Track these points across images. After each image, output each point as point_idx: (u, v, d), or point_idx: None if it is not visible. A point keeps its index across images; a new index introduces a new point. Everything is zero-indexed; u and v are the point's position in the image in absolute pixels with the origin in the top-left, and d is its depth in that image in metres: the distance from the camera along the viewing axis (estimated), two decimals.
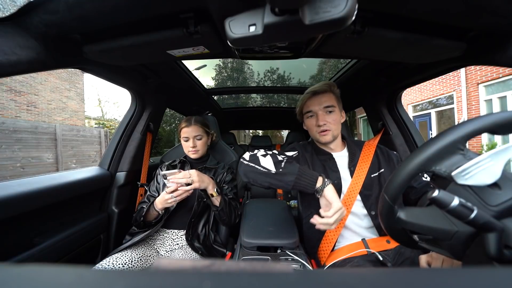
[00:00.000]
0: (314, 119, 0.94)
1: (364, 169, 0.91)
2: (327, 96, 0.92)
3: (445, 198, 0.36)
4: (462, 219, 0.36)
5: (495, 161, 0.39)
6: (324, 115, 0.91)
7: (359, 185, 0.88)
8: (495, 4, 0.48)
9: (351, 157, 0.95)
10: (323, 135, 0.92)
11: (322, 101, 0.91)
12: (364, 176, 0.90)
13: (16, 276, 0.16)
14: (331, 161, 0.95)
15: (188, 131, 1.12)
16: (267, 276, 0.16)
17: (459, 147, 0.41)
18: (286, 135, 2.88)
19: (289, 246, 0.83)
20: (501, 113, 0.40)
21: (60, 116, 8.55)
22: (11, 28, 0.51)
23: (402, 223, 0.47)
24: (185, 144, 1.14)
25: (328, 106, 0.91)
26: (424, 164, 0.43)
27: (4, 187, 0.73)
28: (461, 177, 0.40)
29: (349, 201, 0.87)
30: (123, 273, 0.17)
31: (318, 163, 0.96)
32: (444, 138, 0.42)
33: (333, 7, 0.34)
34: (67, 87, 8.90)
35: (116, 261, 0.80)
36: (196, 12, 0.56)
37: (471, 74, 5.82)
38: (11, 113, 6.86)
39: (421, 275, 0.17)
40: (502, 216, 0.38)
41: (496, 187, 0.40)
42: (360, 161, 0.94)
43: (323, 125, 0.91)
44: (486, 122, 0.40)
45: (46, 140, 6.00)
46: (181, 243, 1.02)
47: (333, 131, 0.91)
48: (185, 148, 1.16)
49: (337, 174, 0.92)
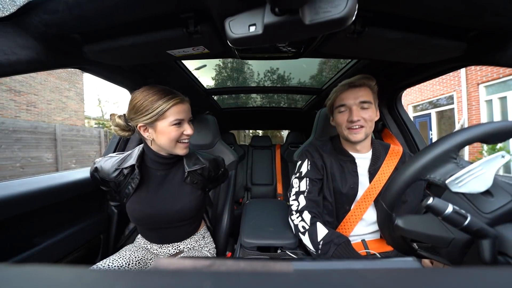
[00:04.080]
0: (346, 114, 0.84)
1: (386, 173, 0.86)
2: (365, 91, 0.83)
3: (439, 206, 0.37)
4: (456, 226, 0.37)
5: (486, 169, 0.41)
6: (358, 111, 0.82)
7: (376, 191, 0.84)
8: (495, 4, 0.48)
9: (374, 160, 0.89)
10: (354, 133, 0.83)
11: (359, 96, 0.82)
12: (384, 181, 0.84)
13: (16, 276, 0.15)
14: (351, 164, 0.89)
15: (184, 109, 0.74)
16: (267, 276, 0.16)
17: (452, 156, 0.43)
18: (286, 135, 2.87)
19: (289, 246, 0.83)
20: (491, 124, 0.42)
21: (59, 116, 8.54)
22: (10, 28, 0.51)
23: (400, 231, 0.48)
24: (174, 130, 0.73)
25: (365, 101, 0.82)
26: (419, 172, 0.44)
27: (4, 187, 0.73)
28: (454, 185, 0.42)
29: (362, 207, 0.84)
30: (123, 273, 0.17)
31: (336, 164, 0.90)
32: (437, 148, 0.44)
33: (333, 7, 0.34)
34: (67, 87, 8.89)
35: (112, 263, 0.77)
36: (196, 12, 0.56)
37: (472, 75, 5.82)
38: (10, 113, 6.85)
39: (421, 275, 0.17)
40: (495, 223, 0.40)
41: (488, 195, 0.42)
42: (385, 164, 0.88)
43: (356, 121, 0.82)
44: (477, 132, 0.42)
45: (45, 140, 5.99)
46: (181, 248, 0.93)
47: (366, 128, 0.83)
48: (172, 139, 0.74)
49: (355, 179, 0.86)
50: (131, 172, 0.81)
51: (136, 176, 0.80)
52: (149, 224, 0.84)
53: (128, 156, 0.85)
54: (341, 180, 0.87)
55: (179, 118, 0.73)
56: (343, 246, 0.72)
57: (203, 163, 0.88)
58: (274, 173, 2.51)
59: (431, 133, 7.31)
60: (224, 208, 1.12)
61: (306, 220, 0.81)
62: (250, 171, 2.52)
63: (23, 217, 0.76)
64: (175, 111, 0.72)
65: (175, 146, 0.77)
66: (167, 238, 0.89)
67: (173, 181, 0.86)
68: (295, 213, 0.86)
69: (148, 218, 0.81)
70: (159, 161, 0.83)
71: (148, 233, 0.89)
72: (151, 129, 0.74)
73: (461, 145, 0.43)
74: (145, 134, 0.76)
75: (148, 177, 0.83)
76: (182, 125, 0.75)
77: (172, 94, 0.73)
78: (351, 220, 0.84)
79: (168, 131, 0.73)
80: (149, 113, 0.70)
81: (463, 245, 0.43)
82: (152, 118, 0.71)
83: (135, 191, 0.82)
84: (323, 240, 0.74)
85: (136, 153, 0.84)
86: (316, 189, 0.88)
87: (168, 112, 0.71)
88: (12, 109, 6.93)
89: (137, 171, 0.80)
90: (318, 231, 0.77)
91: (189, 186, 0.86)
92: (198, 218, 0.95)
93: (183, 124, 0.75)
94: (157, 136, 0.75)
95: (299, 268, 0.34)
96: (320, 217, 0.84)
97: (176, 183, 0.86)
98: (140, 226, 0.86)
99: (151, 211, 0.80)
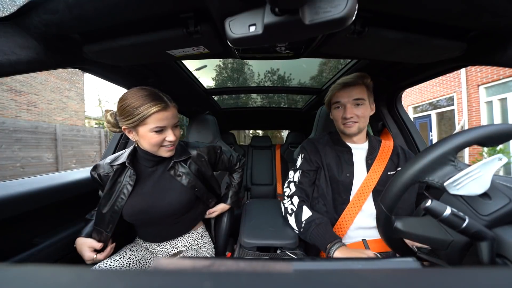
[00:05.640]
0: (341, 111, 0.91)
1: (381, 164, 0.90)
2: (358, 89, 0.89)
3: (437, 208, 0.37)
4: (455, 228, 0.38)
5: (483, 172, 0.41)
6: (352, 108, 0.89)
7: (373, 181, 0.87)
8: (495, 4, 0.48)
9: (370, 150, 0.94)
10: (348, 127, 0.90)
11: (352, 94, 0.88)
12: (380, 172, 0.89)
13: (15, 276, 0.15)
14: (348, 154, 0.94)
15: (166, 116, 0.73)
16: (267, 276, 0.16)
17: (450, 158, 0.43)
18: (286, 135, 2.88)
19: (289, 246, 0.83)
20: (488, 127, 0.43)
21: (60, 116, 8.55)
22: (10, 28, 0.51)
23: (400, 233, 0.48)
24: (155, 137, 0.73)
25: (358, 98, 0.88)
26: (418, 175, 0.45)
27: (4, 187, 0.73)
28: (452, 187, 0.42)
29: (361, 198, 0.86)
30: (123, 273, 0.17)
31: (333, 154, 0.95)
32: (435, 150, 0.44)
33: (333, 7, 0.34)
34: (67, 87, 8.90)
35: (114, 263, 0.78)
36: (196, 12, 0.56)
37: (472, 76, 5.82)
38: (11, 112, 6.86)
39: (421, 275, 0.17)
40: (493, 225, 0.40)
41: (486, 197, 0.42)
42: (379, 156, 0.93)
43: (350, 118, 0.88)
44: (474, 135, 0.42)
45: (46, 140, 5.99)
46: (180, 247, 0.94)
47: (360, 124, 0.90)
48: (153, 145, 0.75)
49: (351, 168, 0.91)
50: (123, 170, 0.83)
51: (132, 174, 0.82)
52: (141, 220, 0.84)
53: (121, 155, 0.87)
54: (337, 169, 0.92)
55: (159, 125, 0.72)
56: (323, 226, 0.80)
57: (189, 153, 0.90)
58: (274, 173, 2.50)
59: (431, 134, 7.31)
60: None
61: (295, 204, 0.91)
62: (250, 171, 2.52)
63: (23, 217, 0.76)
64: (156, 119, 0.71)
65: (158, 149, 0.78)
66: (161, 235, 0.90)
67: (163, 175, 0.87)
68: (286, 197, 0.97)
69: (139, 214, 0.81)
70: (149, 158, 0.84)
71: (143, 231, 0.90)
72: (134, 132, 0.75)
73: (458, 148, 0.43)
74: (130, 136, 0.78)
75: (139, 174, 0.85)
76: (164, 132, 0.75)
77: (156, 101, 0.71)
78: (351, 211, 0.86)
79: (149, 136, 0.73)
80: (130, 118, 0.71)
81: (462, 248, 0.43)
82: (134, 123, 0.71)
83: (133, 189, 0.82)
84: (305, 220, 0.83)
85: (128, 152, 0.86)
86: (307, 180, 0.96)
87: (148, 119, 0.71)
88: (13, 109, 6.94)
89: (132, 170, 0.81)
90: (303, 213, 0.86)
91: (177, 181, 0.87)
92: (193, 216, 0.95)
93: (165, 130, 0.75)
94: (139, 140, 0.77)
95: (299, 268, 0.34)
96: (307, 202, 0.93)
97: (166, 178, 0.87)
98: (134, 222, 0.87)
99: (141, 206, 0.81)
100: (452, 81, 6.37)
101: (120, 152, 0.90)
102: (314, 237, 0.78)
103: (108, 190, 0.82)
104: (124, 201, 0.81)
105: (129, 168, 0.82)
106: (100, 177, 0.86)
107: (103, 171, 0.85)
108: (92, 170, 0.87)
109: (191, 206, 0.90)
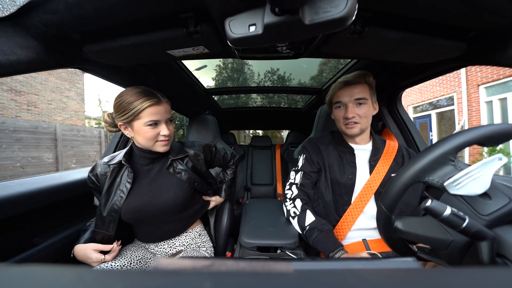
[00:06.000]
0: (342, 111, 0.89)
1: (385, 166, 0.88)
2: (360, 88, 0.86)
3: (437, 208, 0.37)
4: (455, 228, 0.38)
5: (483, 172, 0.41)
6: (354, 108, 0.86)
7: (376, 183, 0.86)
8: (495, 4, 0.48)
9: (374, 151, 0.92)
10: (350, 128, 0.88)
11: (354, 93, 0.85)
12: (384, 173, 0.87)
13: (15, 276, 0.15)
14: (350, 155, 0.92)
15: (158, 111, 0.76)
16: (267, 276, 0.16)
17: (450, 158, 0.43)
18: (286, 135, 2.88)
19: (289, 246, 0.83)
20: (488, 127, 0.43)
21: (60, 116, 8.55)
22: (10, 28, 0.51)
23: (400, 233, 0.48)
24: (149, 131, 0.76)
25: (360, 98, 0.85)
26: (418, 175, 0.45)
27: (4, 187, 0.73)
28: (453, 187, 0.42)
29: (363, 200, 0.85)
30: (123, 273, 0.17)
31: (335, 154, 0.93)
32: (435, 150, 0.44)
33: (333, 7, 0.34)
34: (68, 87, 8.90)
35: (115, 263, 0.78)
36: (196, 12, 0.56)
37: (472, 76, 5.82)
38: (11, 112, 6.85)
39: (421, 275, 0.17)
40: (494, 225, 0.40)
41: (486, 197, 0.42)
42: (383, 157, 0.91)
43: (351, 118, 0.86)
44: (474, 135, 0.43)
45: (46, 140, 5.99)
46: (179, 246, 0.93)
47: (362, 124, 0.87)
48: (149, 139, 0.77)
49: (353, 169, 0.89)
50: (120, 169, 0.84)
51: (130, 172, 0.82)
52: (136, 219, 0.84)
53: (117, 155, 0.88)
54: (339, 170, 0.91)
55: (153, 119, 0.75)
56: (325, 233, 0.79)
57: (186, 152, 0.92)
58: (274, 173, 2.50)
59: (431, 134, 7.31)
60: (224, 208, 1.12)
61: (298, 207, 0.90)
62: (250, 171, 2.52)
63: (23, 217, 0.76)
64: (149, 112, 0.74)
65: (154, 144, 0.80)
66: (157, 235, 0.89)
67: (159, 174, 0.87)
68: (288, 200, 0.95)
69: (134, 212, 0.81)
70: (145, 156, 0.85)
71: (139, 231, 0.90)
72: (129, 128, 0.78)
73: (459, 148, 0.43)
74: (126, 132, 0.80)
75: (136, 172, 0.85)
76: (158, 126, 0.77)
77: (149, 96, 0.75)
78: (353, 213, 0.85)
79: (143, 131, 0.76)
80: (125, 113, 0.74)
81: (462, 247, 0.43)
82: (129, 118, 0.74)
83: (131, 187, 0.82)
84: (309, 225, 0.83)
85: (124, 151, 0.87)
86: (308, 182, 0.95)
87: (142, 113, 0.74)
88: (13, 109, 6.94)
89: (129, 169, 0.82)
90: (306, 217, 0.85)
91: (175, 178, 0.87)
92: (188, 215, 0.94)
93: (159, 124, 0.78)
94: (135, 135, 0.79)
95: (299, 268, 0.34)
96: (310, 205, 0.92)
97: (162, 176, 0.87)
98: (129, 221, 0.86)
99: (137, 204, 0.81)
100: (452, 81, 6.36)
101: (117, 152, 0.90)
102: (317, 244, 0.78)
103: (107, 189, 0.82)
104: (123, 199, 0.81)
105: (127, 167, 0.83)
106: (98, 178, 0.85)
107: (101, 170, 0.85)
108: (90, 172, 0.87)
109: (186, 204, 0.90)
